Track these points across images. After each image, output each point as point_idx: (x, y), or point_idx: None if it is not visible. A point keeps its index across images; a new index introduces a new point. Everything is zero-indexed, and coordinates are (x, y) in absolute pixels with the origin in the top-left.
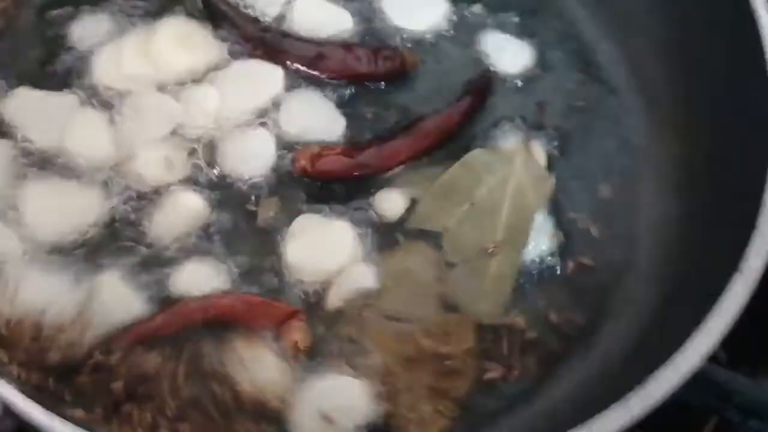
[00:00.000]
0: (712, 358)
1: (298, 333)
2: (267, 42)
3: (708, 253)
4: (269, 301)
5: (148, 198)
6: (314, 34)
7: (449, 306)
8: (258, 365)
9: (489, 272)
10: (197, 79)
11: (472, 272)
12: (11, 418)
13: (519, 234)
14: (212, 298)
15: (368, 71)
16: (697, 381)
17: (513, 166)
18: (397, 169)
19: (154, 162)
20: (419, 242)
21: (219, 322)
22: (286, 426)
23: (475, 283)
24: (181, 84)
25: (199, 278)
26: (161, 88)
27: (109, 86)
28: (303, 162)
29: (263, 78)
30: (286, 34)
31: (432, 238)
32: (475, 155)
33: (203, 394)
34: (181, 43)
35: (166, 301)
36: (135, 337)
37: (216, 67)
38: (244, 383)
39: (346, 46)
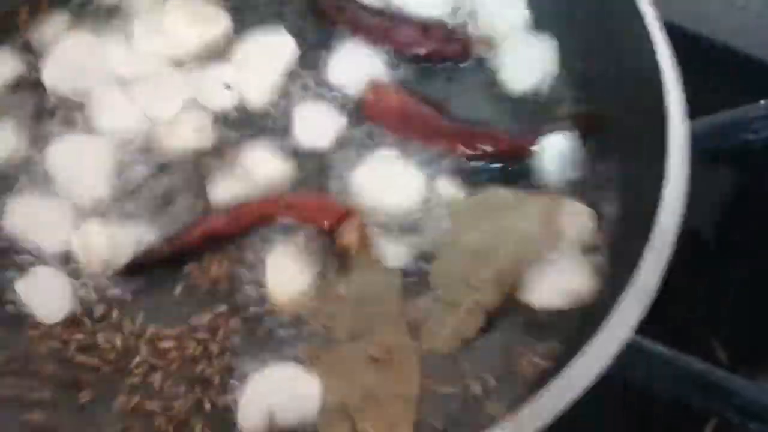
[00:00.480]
0: (713, 360)
1: (351, 233)
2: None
3: None
4: (327, 199)
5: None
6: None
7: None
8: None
9: (461, 307)
10: (212, 54)
11: (446, 302)
12: None
13: (509, 278)
14: (272, 196)
15: (432, 50)
16: (697, 382)
17: (526, 214)
18: None
19: (182, 129)
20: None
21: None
22: None
23: (442, 314)
24: (198, 59)
25: None
26: (178, 64)
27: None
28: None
29: (277, 49)
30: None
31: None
32: (497, 194)
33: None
34: (192, 18)
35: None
36: (202, 233)
37: (230, 40)
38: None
39: (418, 23)
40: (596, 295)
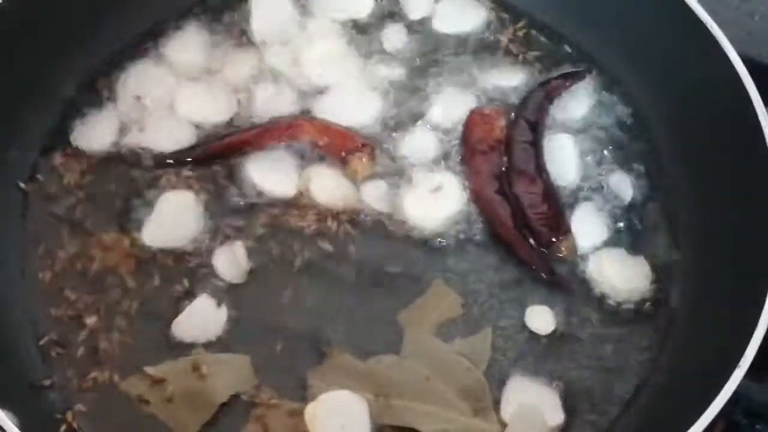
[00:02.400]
0: None
1: (360, 163)
2: None
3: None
4: (347, 130)
5: None
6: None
7: None
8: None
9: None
10: None
11: None
12: None
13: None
14: (300, 118)
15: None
16: None
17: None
18: None
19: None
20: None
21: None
22: None
23: None
24: None
25: None
26: None
27: None
28: None
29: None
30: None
31: None
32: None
33: None
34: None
35: None
36: (232, 142)
37: None
38: None
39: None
40: None
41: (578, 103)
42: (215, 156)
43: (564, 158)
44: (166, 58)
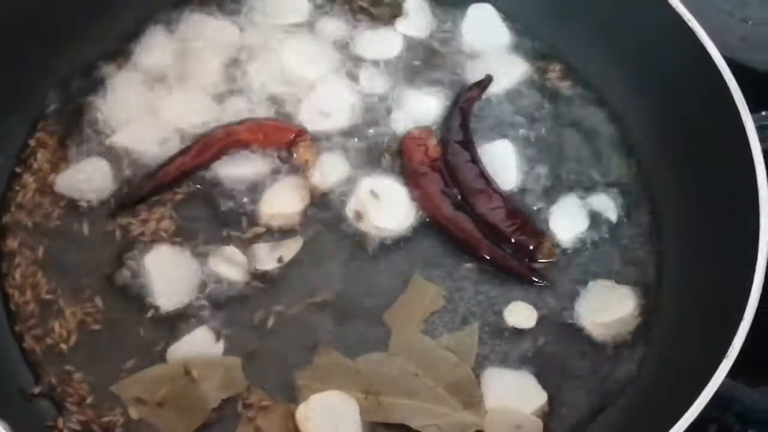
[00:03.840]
0: None
1: (305, 150)
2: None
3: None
4: (279, 122)
5: None
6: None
7: None
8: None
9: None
10: None
11: None
12: None
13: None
14: (231, 125)
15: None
16: None
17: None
18: None
19: None
20: None
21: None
22: None
23: None
24: None
25: None
26: None
27: None
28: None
29: None
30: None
31: None
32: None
33: None
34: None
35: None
36: (177, 168)
37: None
38: None
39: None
40: None
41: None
42: (163, 188)
43: (505, 163)
44: (138, 64)
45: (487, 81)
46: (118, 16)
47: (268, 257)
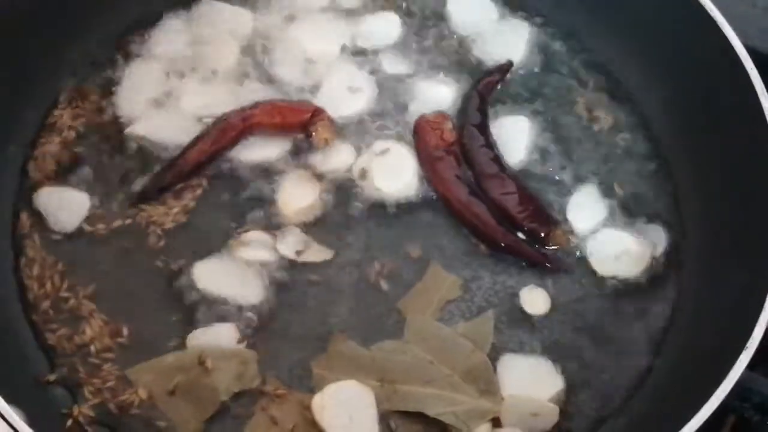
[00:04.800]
0: None
1: (323, 129)
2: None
3: None
4: (295, 103)
5: None
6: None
7: None
8: None
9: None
10: None
11: None
12: None
13: None
14: (246, 109)
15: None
16: None
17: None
18: None
19: None
20: None
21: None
22: None
23: None
24: None
25: None
26: None
27: None
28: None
29: None
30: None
31: None
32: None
33: None
34: None
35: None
36: (196, 156)
37: None
38: None
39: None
40: None
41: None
42: (185, 176)
43: (517, 138)
44: (154, 52)
45: (507, 66)
46: (133, 4)
47: (290, 246)
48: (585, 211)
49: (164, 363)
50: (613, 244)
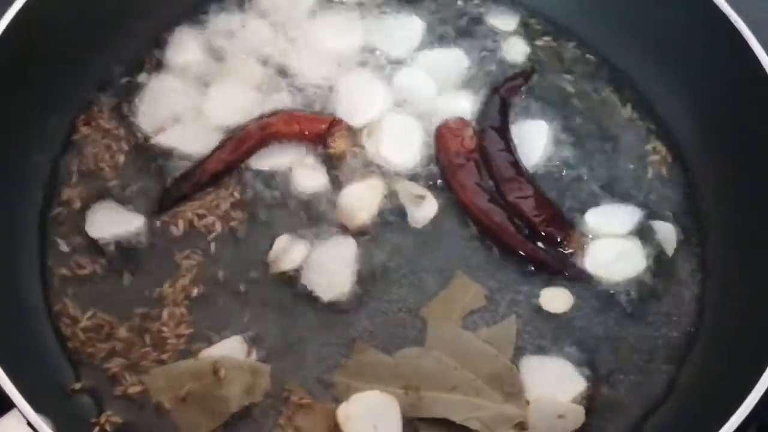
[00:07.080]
0: None
1: (341, 140)
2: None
3: None
4: (313, 114)
5: None
6: None
7: None
8: None
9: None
10: None
11: None
12: None
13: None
14: (264, 118)
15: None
16: None
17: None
18: None
19: None
20: None
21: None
22: None
23: None
24: None
25: None
26: None
27: None
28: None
29: None
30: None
31: None
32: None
33: None
34: None
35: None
36: (215, 166)
37: None
38: None
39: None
40: None
41: None
42: (202, 186)
43: (536, 142)
44: (175, 63)
45: (530, 71)
46: (153, 16)
47: None
48: (604, 217)
49: (178, 369)
50: (634, 250)
